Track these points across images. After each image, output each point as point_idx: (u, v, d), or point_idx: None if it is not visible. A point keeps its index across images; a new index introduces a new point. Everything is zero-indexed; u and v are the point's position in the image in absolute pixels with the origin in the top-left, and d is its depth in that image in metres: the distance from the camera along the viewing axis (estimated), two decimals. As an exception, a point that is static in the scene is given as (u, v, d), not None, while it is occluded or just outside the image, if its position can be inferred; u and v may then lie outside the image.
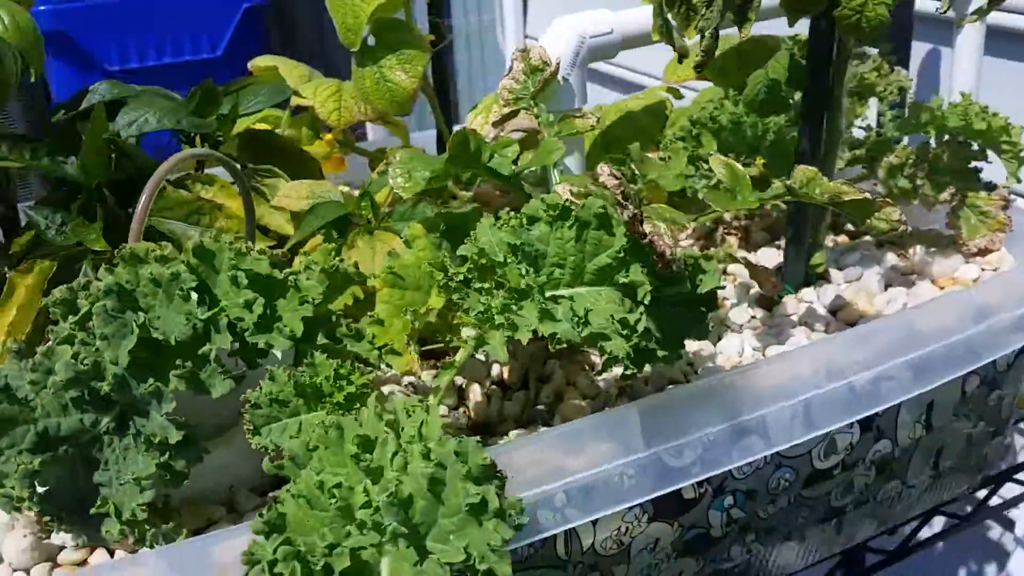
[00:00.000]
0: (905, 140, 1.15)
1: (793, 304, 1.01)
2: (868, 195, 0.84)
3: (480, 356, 0.96)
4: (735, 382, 0.84)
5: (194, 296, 0.69)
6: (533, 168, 0.92)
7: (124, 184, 0.97)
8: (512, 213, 0.72)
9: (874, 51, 1.27)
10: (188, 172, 1.01)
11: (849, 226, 1.22)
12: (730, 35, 1.24)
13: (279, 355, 0.85)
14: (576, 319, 0.68)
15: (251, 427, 0.67)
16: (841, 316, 0.99)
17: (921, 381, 0.89)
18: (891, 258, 1.09)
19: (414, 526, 0.57)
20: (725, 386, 0.83)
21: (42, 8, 3.23)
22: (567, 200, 0.72)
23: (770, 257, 1.12)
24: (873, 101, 1.23)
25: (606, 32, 1.04)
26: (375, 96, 1.14)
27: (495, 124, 1.04)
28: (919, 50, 1.74)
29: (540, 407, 0.89)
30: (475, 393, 0.91)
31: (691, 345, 0.96)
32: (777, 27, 1.19)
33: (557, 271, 0.73)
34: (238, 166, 0.87)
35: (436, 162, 0.77)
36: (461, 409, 0.90)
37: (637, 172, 0.98)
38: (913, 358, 0.89)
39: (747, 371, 0.86)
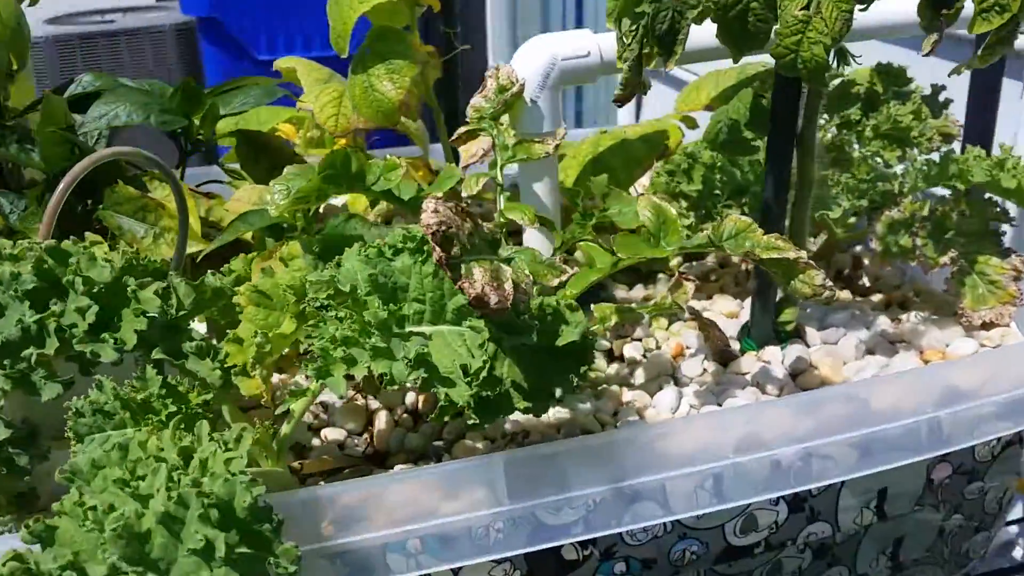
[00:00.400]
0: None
1: (750, 362, 0.92)
2: (794, 255, 0.75)
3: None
4: (640, 440, 0.77)
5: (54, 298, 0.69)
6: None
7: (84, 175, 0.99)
8: (378, 241, 0.69)
9: (923, 89, 1.16)
10: (145, 169, 1.02)
11: (865, 281, 1.11)
12: (749, 64, 1.16)
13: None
14: (407, 361, 0.64)
15: (74, 435, 0.66)
16: (800, 381, 0.90)
17: (866, 463, 0.80)
18: (883, 322, 0.98)
19: (152, 561, 0.54)
20: (628, 443, 0.77)
21: (201, -7, 3.43)
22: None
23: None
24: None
25: (582, 55, 0.98)
26: (362, 105, 1.12)
27: (452, 143, 1.00)
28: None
29: (440, 443, 0.85)
30: (382, 420, 0.87)
31: (627, 395, 0.90)
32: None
33: (417, 306, 0.69)
34: (167, 166, 0.86)
35: (315, 179, 0.74)
36: (364, 435, 0.87)
37: (583, 206, 0.92)
38: (858, 436, 0.79)
39: (659, 429, 0.79)
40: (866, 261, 1.14)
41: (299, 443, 0.84)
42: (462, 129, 0.98)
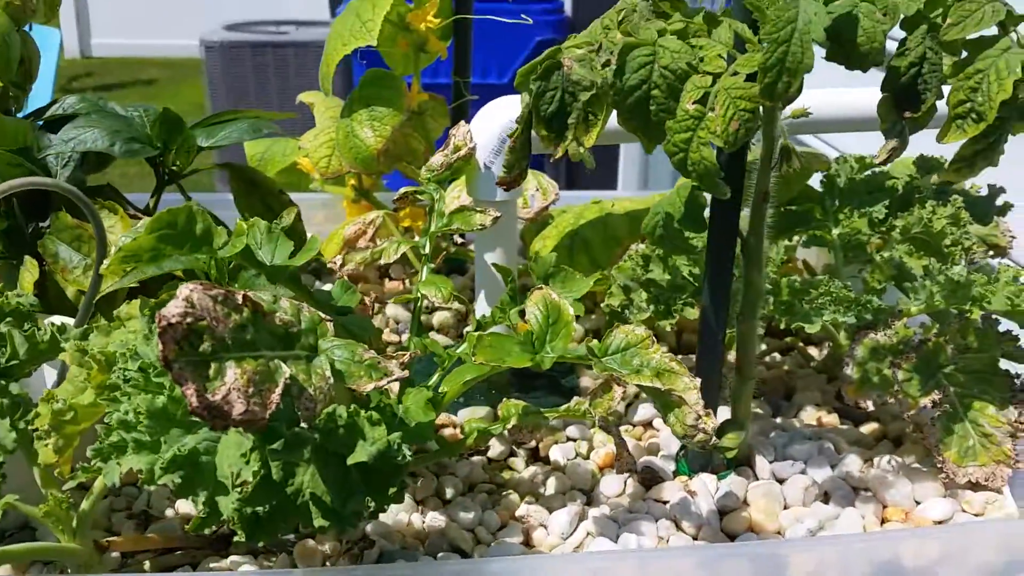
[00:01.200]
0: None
1: (675, 490, 0.80)
2: (673, 385, 0.63)
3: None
4: (479, 573, 0.67)
5: None
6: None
7: (34, 197, 0.98)
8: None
9: (980, 188, 1.00)
10: (96, 198, 0.99)
11: (870, 404, 0.95)
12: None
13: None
14: (160, 461, 0.57)
15: None
16: (727, 522, 0.77)
17: (766, 641, 0.67)
18: (852, 462, 0.83)
19: None
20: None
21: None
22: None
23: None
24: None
25: (544, 120, 0.88)
26: (344, 150, 1.06)
27: (394, 202, 0.93)
28: None
29: (292, 535, 0.76)
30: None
31: (522, 508, 0.79)
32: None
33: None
34: (88, 201, 0.83)
35: (145, 238, 0.68)
36: (231, 511, 0.80)
37: (511, 288, 0.82)
38: None
39: (506, 566, 0.68)
40: (879, 380, 0.98)
41: (147, 512, 0.79)
42: (404, 189, 0.91)
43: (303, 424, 0.60)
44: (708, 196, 0.74)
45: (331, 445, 0.59)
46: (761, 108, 0.60)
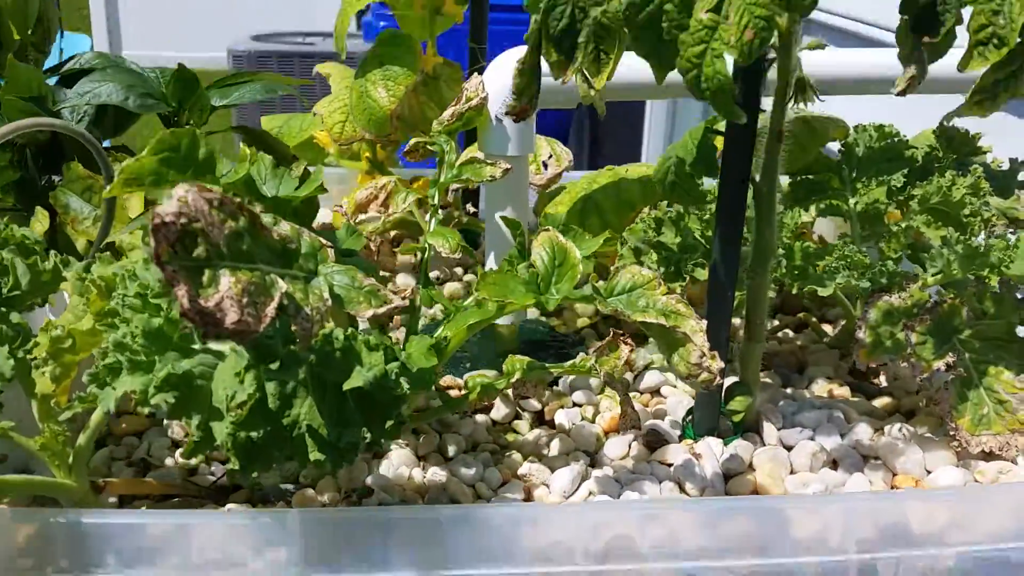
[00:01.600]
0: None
1: (680, 452, 0.78)
2: (680, 324, 0.62)
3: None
4: (482, 521, 0.66)
5: None
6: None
7: (48, 150, 0.98)
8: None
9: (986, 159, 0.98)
10: (114, 146, 0.99)
11: (882, 379, 0.93)
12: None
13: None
14: (155, 380, 0.56)
15: None
16: (731, 486, 0.75)
17: (766, 600, 0.66)
18: (862, 431, 0.81)
19: None
20: (464, 522, 0.65)
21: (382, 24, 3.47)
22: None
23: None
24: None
25: (559, 75, 0.87)
26: (357, 112, 1.06)
27: (406, 153, 0.92)
28: None
29: (291, 486, 0.75)
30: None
31: (524, 467, 0.78)
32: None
33: (220, 320, 0.61)
34: (97, 143, 0.83)
35: (148, 160, 0.67)
36: (229, 464, 0.79)
37: (519, 243, 0.81)
38: (762, 567, 0.65)
39: (508, 511, 0.67)
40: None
41: (147, 460, 0.78)
42: (414, 141, 0.90)
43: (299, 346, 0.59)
44: (720, 141, 0.72)
45: (327, 370, 0.58)
46: (777, 37, 0.59)
